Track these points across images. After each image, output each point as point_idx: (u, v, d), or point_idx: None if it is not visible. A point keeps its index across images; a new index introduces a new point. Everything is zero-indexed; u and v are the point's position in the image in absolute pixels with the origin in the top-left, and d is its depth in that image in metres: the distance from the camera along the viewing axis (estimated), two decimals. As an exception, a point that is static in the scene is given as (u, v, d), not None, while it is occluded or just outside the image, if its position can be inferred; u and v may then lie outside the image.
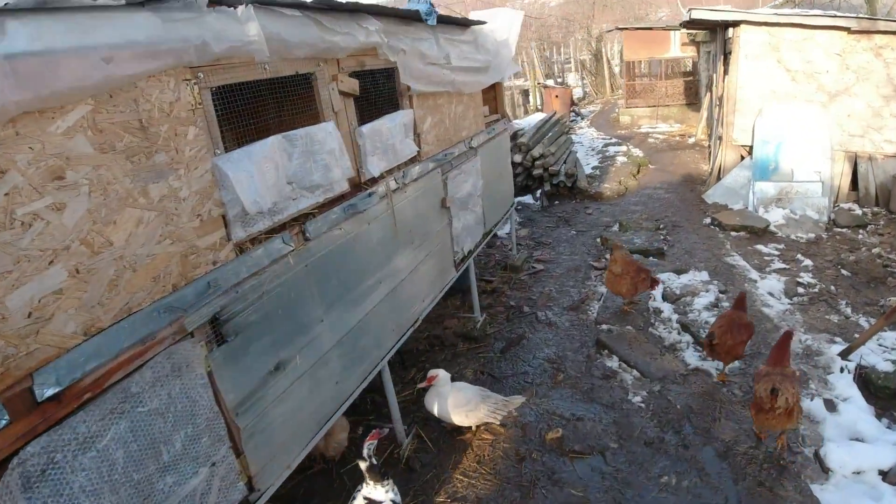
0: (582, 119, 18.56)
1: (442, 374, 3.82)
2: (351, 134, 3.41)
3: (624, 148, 12.46)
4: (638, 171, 10.78)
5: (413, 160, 4.09)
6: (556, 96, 16.02)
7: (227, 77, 2.48)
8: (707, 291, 5.56)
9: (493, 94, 6.18)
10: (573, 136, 15.11)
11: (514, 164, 9.88)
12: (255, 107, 3.08)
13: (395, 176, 3.83)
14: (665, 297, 5.58)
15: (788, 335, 3.76)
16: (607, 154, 12.19)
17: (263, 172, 2.65)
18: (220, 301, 2.40)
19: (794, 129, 7.58)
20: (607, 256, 6.68)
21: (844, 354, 4.46)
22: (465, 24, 4.74)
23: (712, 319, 5.00)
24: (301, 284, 2.92)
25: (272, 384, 2.68)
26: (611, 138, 14.11)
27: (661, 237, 7.34)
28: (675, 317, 5.19)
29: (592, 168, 11.03)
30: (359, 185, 3.50)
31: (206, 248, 2.36)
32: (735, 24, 8.14)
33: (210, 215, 2.37)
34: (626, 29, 15.93)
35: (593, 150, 12.98)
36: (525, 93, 17.92)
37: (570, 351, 4.88)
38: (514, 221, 6.69)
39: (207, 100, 2.37)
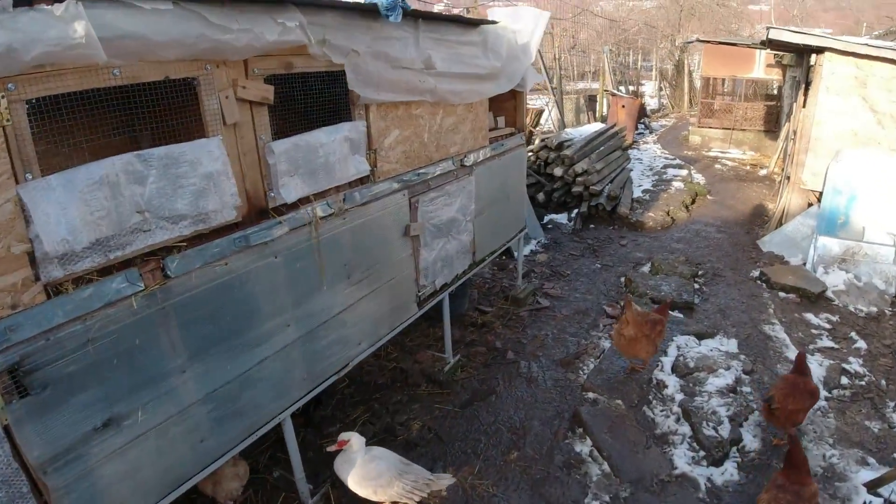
0: (650, 133, 17.13)
1: (355, 440, 3.11)
2: (258, 151, 2.73)
3: (684, 172, 11.16)
4: (692, 202, 9.55)
5: (363, 181, 3.36)
6: (623, 106, 14.71)
7: (52, 87, 1.96)
8: (728, 369, 4.54)
9: (512, 105, 5.33)
10: (635, 151, 13.87)
11: (553, 178, 8.95)
12: (121, 119, 2.46)
13: (330, 200, 3.12)
14: (674, 369, 4.60)
15: (796, 442, 3.08)
16: (664, 176, 10.96)
17: (90, 202, 2.08)
18: (21, 350, 1.96)
19: (873, 181, 6.25)
20: (621, 304, 5.74)
21: (872, 487, 3.41)
22: (467, 22, 3.93)
23: (722, 409, 4.02)
24: (153, 330, 2.34)
25: (99, 441, 2.20)
26: (674, 159, 12.78)
27: (696, 287, 6.26)
28: (678, 397, 4.22)
29: (643, 191, 9.89)
30: (266, 211, 2.82)
31: (2, 290, 1.89)
32: (819, 50, 6.83)
33: (9, 252, 1.89)
34: (708, 42, 14.37)
35: (651, 169, 11.75)
36: (592, 98, 16.67)
37: (540, 421, 4.03)
38: (521, 248, 5.84)
39: (20, 115, 1.87)
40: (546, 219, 8.58)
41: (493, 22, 4.17)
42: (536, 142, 10.44)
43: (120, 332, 2.23)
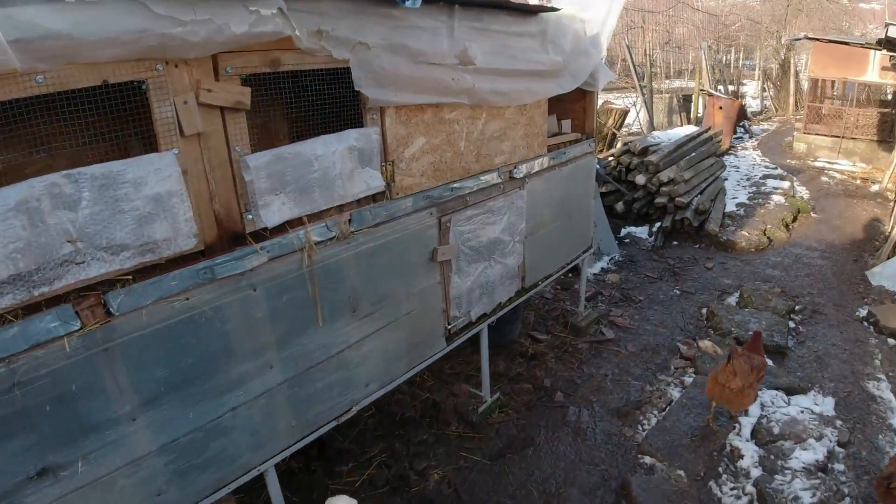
0: (750, 138, 15.36)
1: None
2: (232, 165, 2.20)
3: (786, 184, 9.71)
4: (793, 220, 8.21)
5: (377, 198, 2.76)
6: (720, 108, 13.19)
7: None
8: (820, 439, 3.55)
9: (581, 106, 4.53)
10: (731, 157, 12.40)
11: (634, 186, 7.97)
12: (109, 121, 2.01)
13: (331, 222, 2.56)
14: (755, 434, 3.67)
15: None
16: (763, 188, 9.58)
17: (3, 232, 1.69)
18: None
19: None
20: (701, 345, 4.79)
21: None
22: (521, 9, 3.21)
23: (806, 495, 3.08)
24: (94, 373, 1.93)
25: (34, 491, 1.86)
26: (775, 168, 11.24)
27: (791, 327, 5.19)
28: (755, 472, 3.32)
29: (737, 205, 8.64)
30: (242, 236, 2.29)
31: None
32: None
33: None
34: (817, 40, 12.52)
35: (748, 179, 10.35)
36: (686, 98, 15.16)
37: (581, 489, 3.29)
38: (585, 269, 5.03)
39: None
40: (623, 232, 7.63)
41: (555, 9, 3.42)
42: (619, 145, 9.44)
43: (53, 376, 1.84)
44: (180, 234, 2.05)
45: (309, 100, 2.51)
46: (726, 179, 10.06)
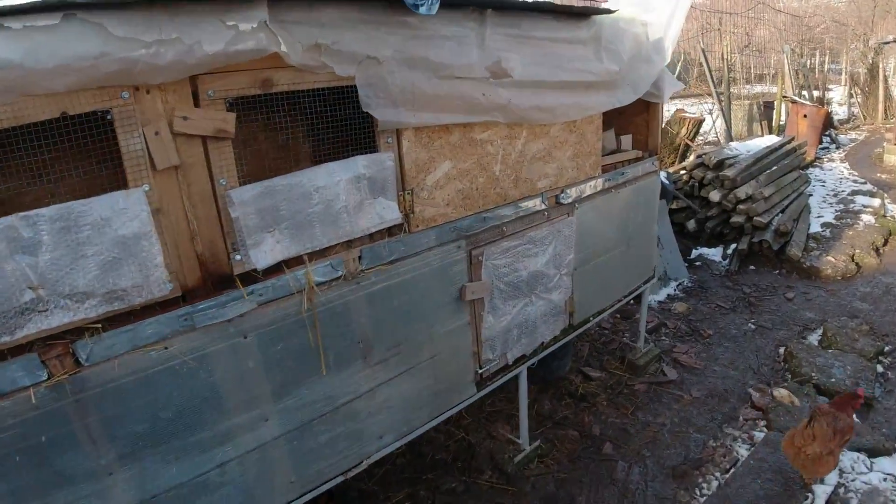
0: (837, 148, 13.90)
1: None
2: (217, 200, 1.89)
3: (876, 202, 8.56)
4: (884, 243, 7.14)
5: (392, 232, 2.39)
6: (804, 116, 11.95)
7: None
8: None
9: (643, 119, 3.99)
10: (817, 170, 11.20)
11: (708, 203, 7.22)
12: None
13: (337, 260, 2.21)
14: (839, 509, 3.02)
15: None
16: (851, 207, 8.49)
17: None
18: None
19: None
20: (776, 394, 4.09)
21: None
22: (568, 13, 2.75)
23: None
24: (65, 425, 1.73)
25: None
26: (864, 183, 9.99)
27: (879, 372, 4.38)
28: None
29: (822, 225, 7.67)
30: (230, 278, 1.98)
31: None
32: None
33: None
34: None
35: (835, 195, 9.24)
36: (768, 106, 13.91)
37: (630, 570, 2.78)
38: (646, 301, 4.45)
39: None
40: (694, 254, 6.90)
41: (610, 11, 2.94)
42: (692, 157, 8.65)
43: (21, 427, 1.66)
44: (152, 280, 1.77)
45: (313, 122, 2.19)
46: (811, 195, 9.01)
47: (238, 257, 2.00)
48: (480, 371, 2.94)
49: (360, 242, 2.29)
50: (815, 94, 16.73)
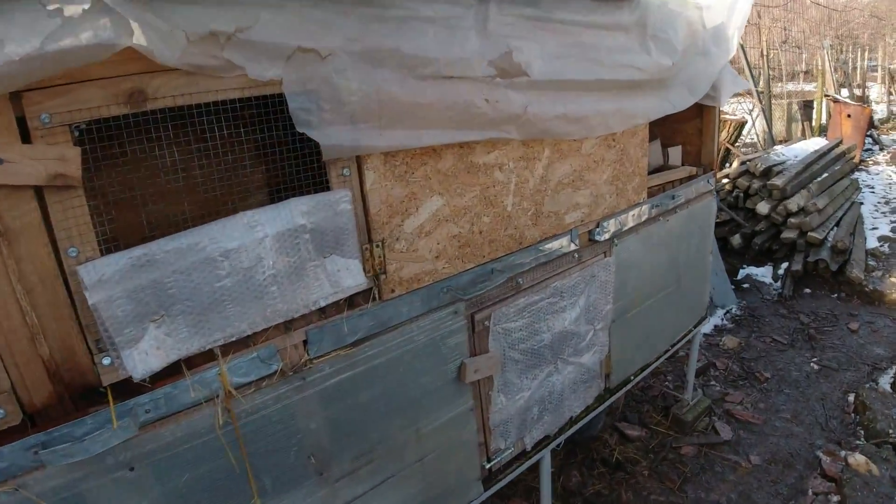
0: (880, 150, 12.52)
1: None
2: (65, 280, 1.13)
3: (943, 209, 7.39)
4: (964, 259, 6.02)
5: (353, 302, 1.59)
6: (848, 116, 10.68)
7: None
8: None
9: (695, 127, 3.10)
10: (863, 174, 9.96)
11: (755, 216, 6.22)
12: None
13: (264, 351, 1.43)
14: None
15: None
16: (911, 217, 7.33)
17: None
18: None
19: None
20: (850, 460, 3.12)
21: None
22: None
23: None
24: None
25: None
26: (921, 187, 8.77)
27: None
28: None
29: (879, 238, 6.53)
30: (94, 391, 1.22)
31: None
32: None
33: None
34: None
35: (886, 203, 8.04)
36: (807, 105, 12.61)
37: None
38: (697, 345, 3.55)
39: None
40: (741, 274, 5.89)
41: (663, -14, 2.08)
42: (734, 164, 7.62)
43: None
44: None
45: (229, 150, 1.40)
46: (861, 204, 7.87)
47: (107, 360, 1.23)
48: (489, 465, 2.11)
49: (304, 321, 1.51)
50: (856, 92, 15.30)
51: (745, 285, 5.61)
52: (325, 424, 1.60)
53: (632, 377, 2.79)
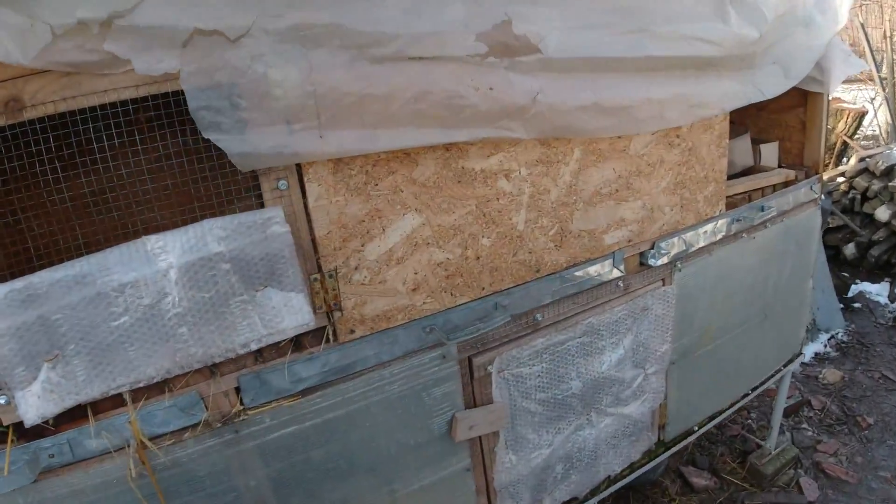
0: None
1: None
2: None
3: None
4: None
5: (301, 344, 1.23)
6: None
7: None
8: None
9: (797, 119, 2.39)
10: None
11: (875, 224, 5.12)
12: None
13: (183, 399, 1.12)
14: None
15: None
16: None
17: None
18: None
19: None
20: None
21: None
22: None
23: None
24: None
25: None
26: None
27: None
28: None
29: None
30: None
31: None
32: None
33: None
34: None
35: None
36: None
37: None
38: (786, 385, 2.83)
39: None
40: (853, 290, 4.84)
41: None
42: (852, 160, 6.39)
43: None
44: None
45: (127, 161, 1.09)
46: None
47: (3, 399, 0.99)
48: (497, 534, 1.70)
49: (235, 366, 1.18)
50: None
51: (856, 305, 4.57)
52: (269, 483, 1.28)
53: (696, 428, 2.21)
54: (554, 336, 1.59)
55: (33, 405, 1.03)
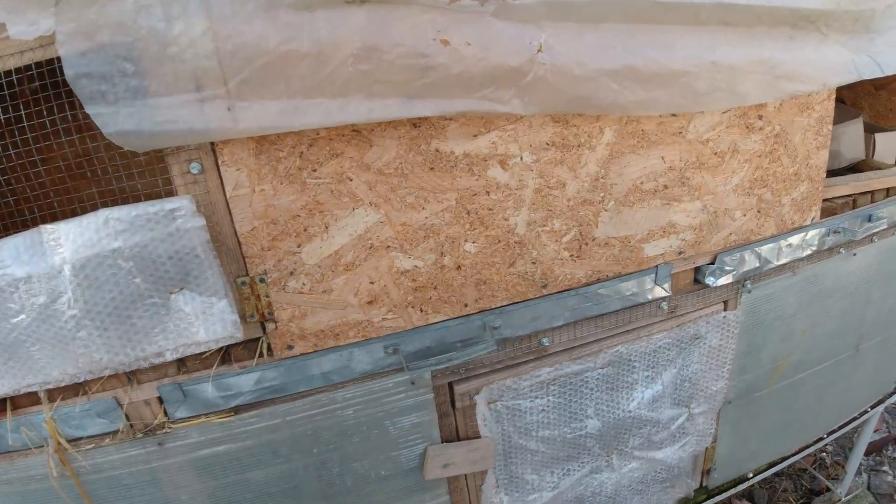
0: None
1: None
2: None
3: None
4: None
5: (231, 356, 0.95)
6: None
7: None
8: None
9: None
10: None
11: None
12: None
13: (100, 405, 0.92)
14: None
15: None
16: None
17: None
18: None
19: None
20: None
21: None
22: None
23: None
24: None
25: None
26: None
27: None
28: None
29: None
30: None
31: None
32: None
33: None
34: None
35: None
36: None
37: None
38: (869, 429, 2.21)
39: None
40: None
41: None
42: None
43: None
44: None
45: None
46: None
47: None
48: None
49: (157, 373, 0.95)
50: None
51: None
52: (206, 500, 1.06)
53: (750, 475, 1.73)
54: (566, 365, 1.21)
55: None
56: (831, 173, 1.45)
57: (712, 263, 1.31)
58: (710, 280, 1.31)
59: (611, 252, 1.15)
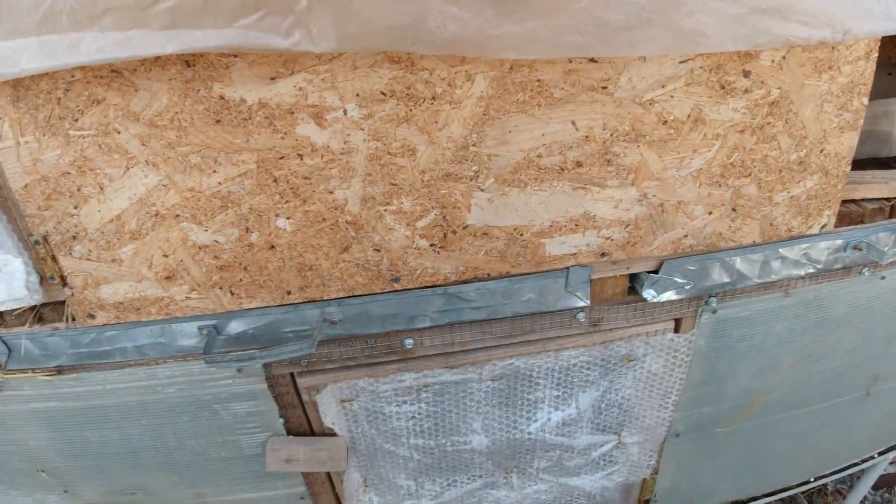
0: None
1: None
2: None
3: None
4: None
5: (43, 317, 0.79)
6: None
7: None
8: None
9: None
10: None
11: None
12: None
13: None
14: None
15: None
16: None
17: None
18: None
19: None
20: None
21: None
22: None
23: None
24: None
25: None
26: None
27: None
28: None
29: None
30: None
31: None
32: None
33: None
34: None
35: None
36: None
37: None
38: (877, 475, 1.65)
39: None
40: None
41: None
42: None
43: None
44: None
45: None
46: None
47: None
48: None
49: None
50: None
51: None
52: (53, 449, 0.96)
53: (712, 516, 1.34)
54: (440, 373, 0.92)
55: None
56: (857, 164, 0.95)
57: (655, 272, 0.92)
58: (648, 293, 0.93)
59: (492, 245, 0.82)
